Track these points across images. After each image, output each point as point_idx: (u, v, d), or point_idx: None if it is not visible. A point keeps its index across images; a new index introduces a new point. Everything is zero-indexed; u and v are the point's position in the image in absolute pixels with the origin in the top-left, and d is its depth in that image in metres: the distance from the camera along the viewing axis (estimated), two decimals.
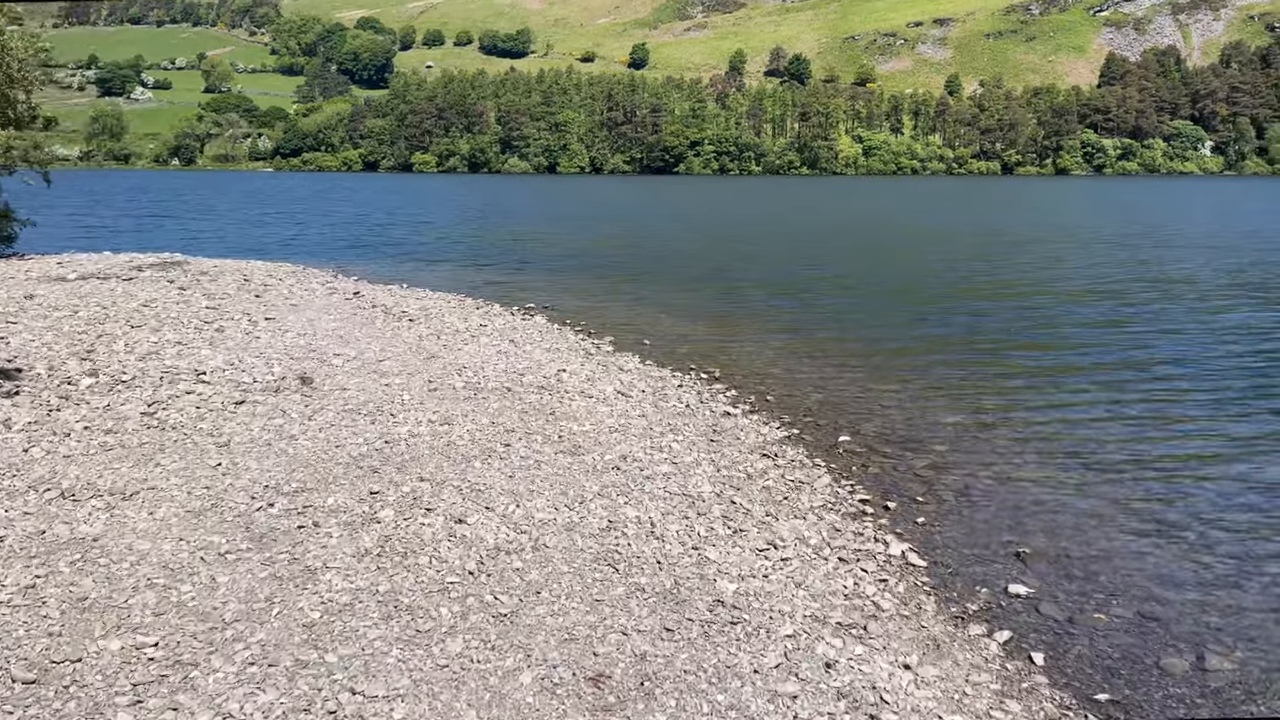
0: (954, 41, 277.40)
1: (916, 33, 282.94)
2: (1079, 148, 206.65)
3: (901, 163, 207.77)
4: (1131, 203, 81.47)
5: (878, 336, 18.23)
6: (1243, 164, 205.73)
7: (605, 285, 26.33)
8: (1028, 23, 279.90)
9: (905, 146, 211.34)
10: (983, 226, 50.80)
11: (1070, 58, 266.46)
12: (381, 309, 18.44)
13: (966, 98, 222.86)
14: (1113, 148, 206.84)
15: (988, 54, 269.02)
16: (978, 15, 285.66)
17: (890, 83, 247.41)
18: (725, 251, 36.63)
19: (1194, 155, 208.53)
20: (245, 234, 44.61)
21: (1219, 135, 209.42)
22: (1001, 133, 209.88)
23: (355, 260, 32.02)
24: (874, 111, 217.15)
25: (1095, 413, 12.51)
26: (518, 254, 35.10)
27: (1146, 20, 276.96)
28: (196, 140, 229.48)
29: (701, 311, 21.44)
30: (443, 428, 10.00)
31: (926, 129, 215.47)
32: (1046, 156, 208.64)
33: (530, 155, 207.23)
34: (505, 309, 20.59)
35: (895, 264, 32.44)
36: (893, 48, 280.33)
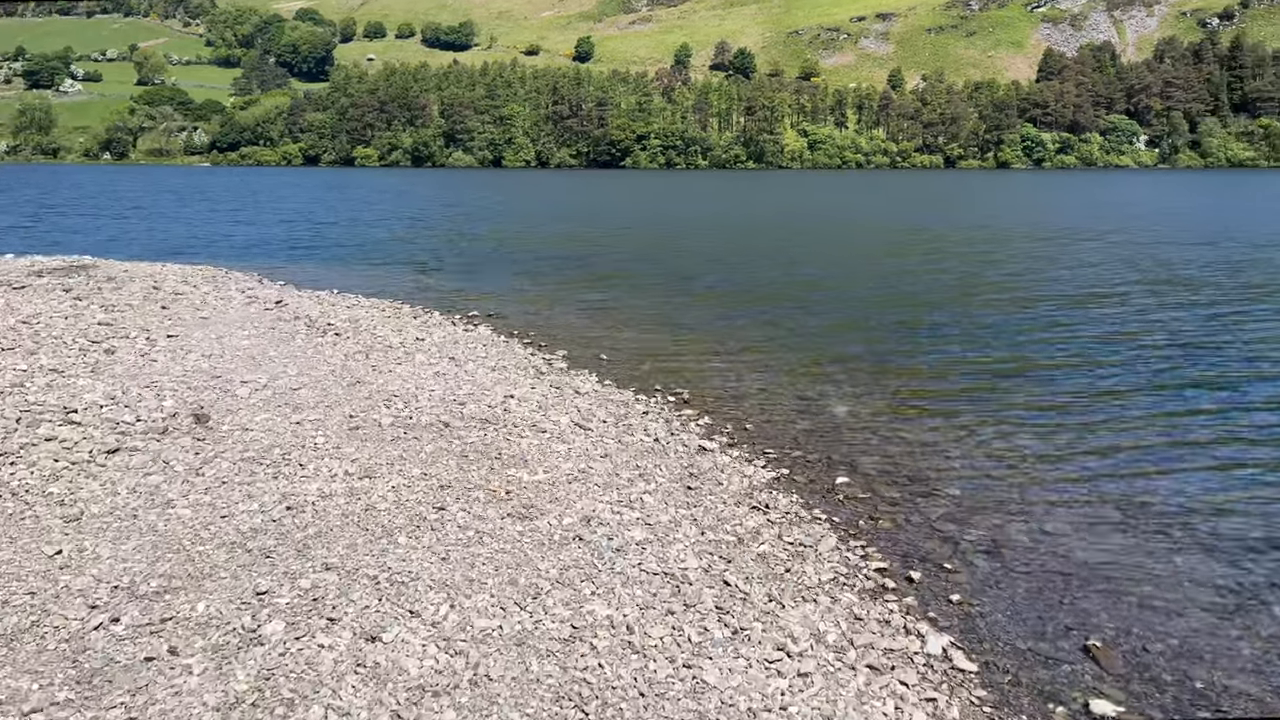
0: (896, 36, 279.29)
1: (859, 27, 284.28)
2: (1019, 141, 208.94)
3: (846, 157, 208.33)
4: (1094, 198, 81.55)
5: (857, 348, 16.48)
6: (1176, 158, 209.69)
7: (556, 289, 24.41)
8: (968, 18, 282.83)
9: (849, 140, 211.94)
10: (949, 223, 49.66)
11: (1009, 53, 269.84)
12: (305, 321, 16.43)
13: (909, 92, 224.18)
14: (1051, 141, 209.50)
15: (929, 48, 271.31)
16: (919, 10, 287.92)
17: (834, 77, 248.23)
18: (683, 251, 34.79)
19: (1129, 149, 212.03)
20: (172, 232, 41.97)
21: (1153, 129, 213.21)
22: (944, 127, 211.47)
23: (286, 262, 29.85)
24: (818, 105, 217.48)
25: (1124, 440, 10.99)
26: (462, 254, 33.00)
27: (1082, 16, 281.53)
28: (129, 134, 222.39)
29: (663, 320, 19.66)
30: (362, 483, 8.12)
31: (870, 123, 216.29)
32: (988, 150, 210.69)
33: (475, 149, 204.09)
34: (446, 318, 18.74)
35: (865, 264, 30.45)
36: (836, 42, 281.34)
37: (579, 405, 11.79)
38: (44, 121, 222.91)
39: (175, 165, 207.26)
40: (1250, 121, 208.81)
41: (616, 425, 10.98)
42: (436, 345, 15.18)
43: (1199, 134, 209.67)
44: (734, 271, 27.89)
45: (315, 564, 6.42)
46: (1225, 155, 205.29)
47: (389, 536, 6.98)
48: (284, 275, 25.58)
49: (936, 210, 61.65)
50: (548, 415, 11.05)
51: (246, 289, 20.68)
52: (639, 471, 9.17)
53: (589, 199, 76.68)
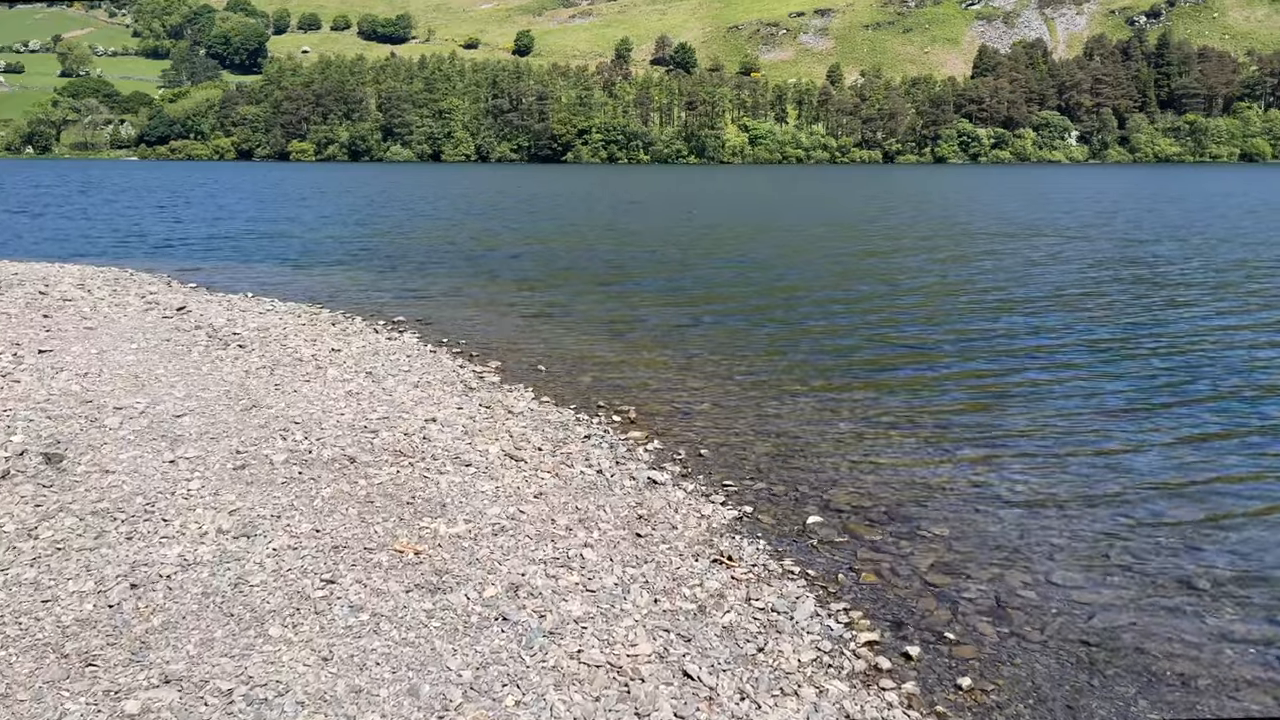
0: (835, 32, 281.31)
1: (798, 23, 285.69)
2: (955, 137, 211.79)
3: (787, 151, 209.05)
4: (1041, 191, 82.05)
5: (821, 358, 15.11)
6: (1106, 153, 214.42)
7: (492, 291, 22.74)
8: (904, 14, 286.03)
9: (790, 136, 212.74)
10: (910, 219, 48.88)
11: (945, 49, 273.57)
12: (207, 331, 14.82)
13: (848, 87, 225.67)
14: (987, 137, 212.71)
15: (867, 45, 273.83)
16: (857, 6, 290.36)
17: (774, 72, 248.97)
18: (629, 250, 33.23)
19: (1061, 145, 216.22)
20: (88, 229, 39.52)
21: (1084, 125, 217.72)
22: (882, 122, 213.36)
23: (205, 262, 27.98)
24: (759, 101, 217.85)
25: (1127, 464, 9.85)
26: (393, 253, 31.17)
27: (1015, 14, 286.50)
28: (52, 127, 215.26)
29: (606, 324, 18.25)
30: (237, 544, 6.59)
31: (810, 118, 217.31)
32: (925, 145, 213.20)
33: (413, 143, 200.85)
34: (369, 324, 17.15)
35: (825, 264, 28.49)
36: (775, 38, 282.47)
37: (511, 429, 10.33)
38: None
39: (101, 159, 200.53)
40: (1176, 118, 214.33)
41: (554, 454, 9.56)
42: (354, 357, 13.65)
43: (1127, 130, 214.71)
44: (682, 271, 26.56)
45: (152, 674, 4.89)
46: (1153, 151, 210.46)
47: (258, 626, 5.48)
48: (199, 277, 23.84)
49: (893, 205, 61.04)
50: (474, 443, 9.58)
51: (149, 293, 18.93)
52: (579, 516, 7.77)
53: (530, 194, 74.82)
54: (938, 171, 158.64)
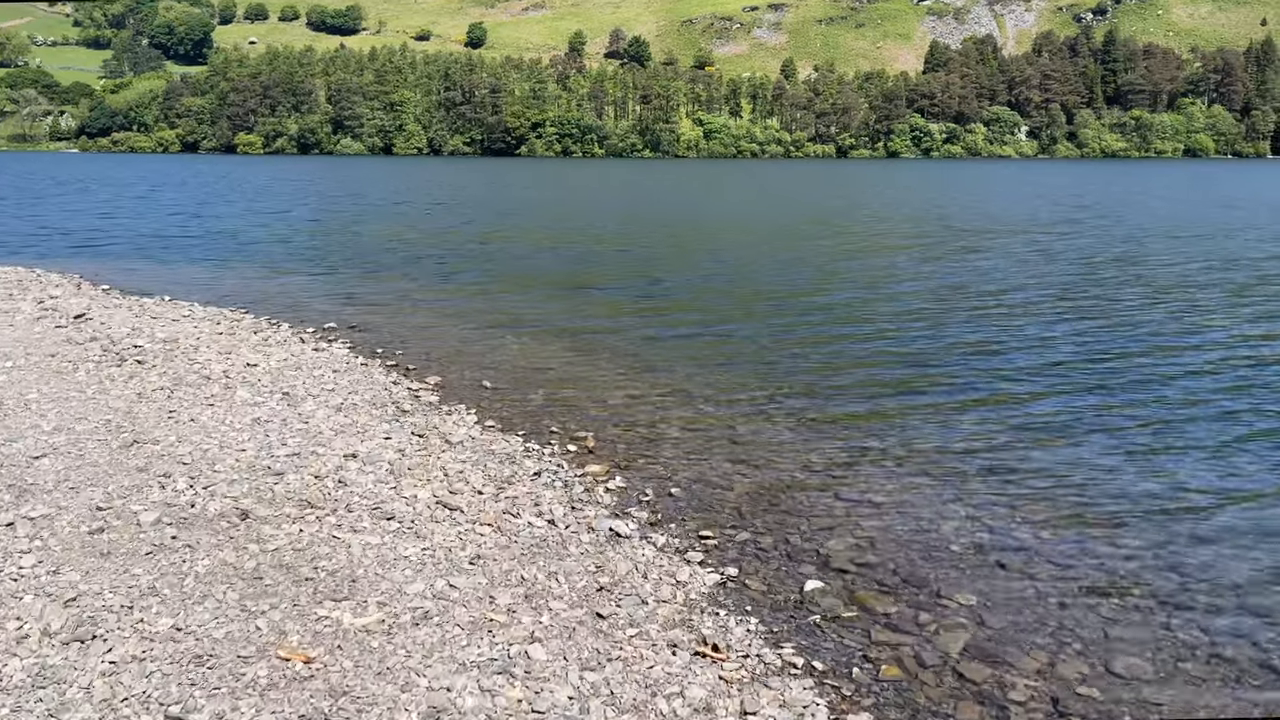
0: (788, 26, 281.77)
1: (752, 17, 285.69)
2: (908, 131, 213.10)
3: (741, 146, 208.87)
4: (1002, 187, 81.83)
5: (800, 374, 13.52)
6: (1055, 148, 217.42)
7: (435, 292, 21.12)
8: (857, 9, 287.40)
9: (745, 130, 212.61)
10: (883, 214, 47.82)
11: (897, 44, 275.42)
12: (104, 342, 13.17)
13: (801, 82, 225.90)
14: (939, 132, 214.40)
15: (820, 39, 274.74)
16: (809, 1, 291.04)
17: (728, 66, 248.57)
18: (584, 246, 31.65)
19: (1011, 140, 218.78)
20: (5, 225, 37.45)
21: (1033, 120, 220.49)
22: (836, 116, 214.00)
23: (126, 260, 26.15)
24: (713, 95, 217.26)
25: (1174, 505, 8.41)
26: (335, 251, 29.34)
27: (965, 10, 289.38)
28: None
29: (559, 331, 16.74)
30: (63, 655, 4.91)
31: (764, 113, 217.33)
32: (878, 140, 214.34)
33: (364, 136, 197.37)
34: (295, 332, 15.55)
35: (795, 268, 26.94)
36: (729, 31, 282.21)
37: (447, 465, 8.73)
38: None
39: (40, 151, 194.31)
40: (1123, 114, 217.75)
41: (497, 497, 7.98)
42: (271, 374, 12.06)
43: (1075, 125, 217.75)
44: (646, 274, 24.83)
45: None
46: (1100, 146, 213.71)
47: None
48: (115, 277, 22.05)
49: (861, 201, 59.92)
50: (401, 486, 7.97)
51: (49, 297, 17.20)
52: (526, 590, 6.20)
53: (482, 189, 72.87)
54: (893, 166, 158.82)
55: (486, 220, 42.81)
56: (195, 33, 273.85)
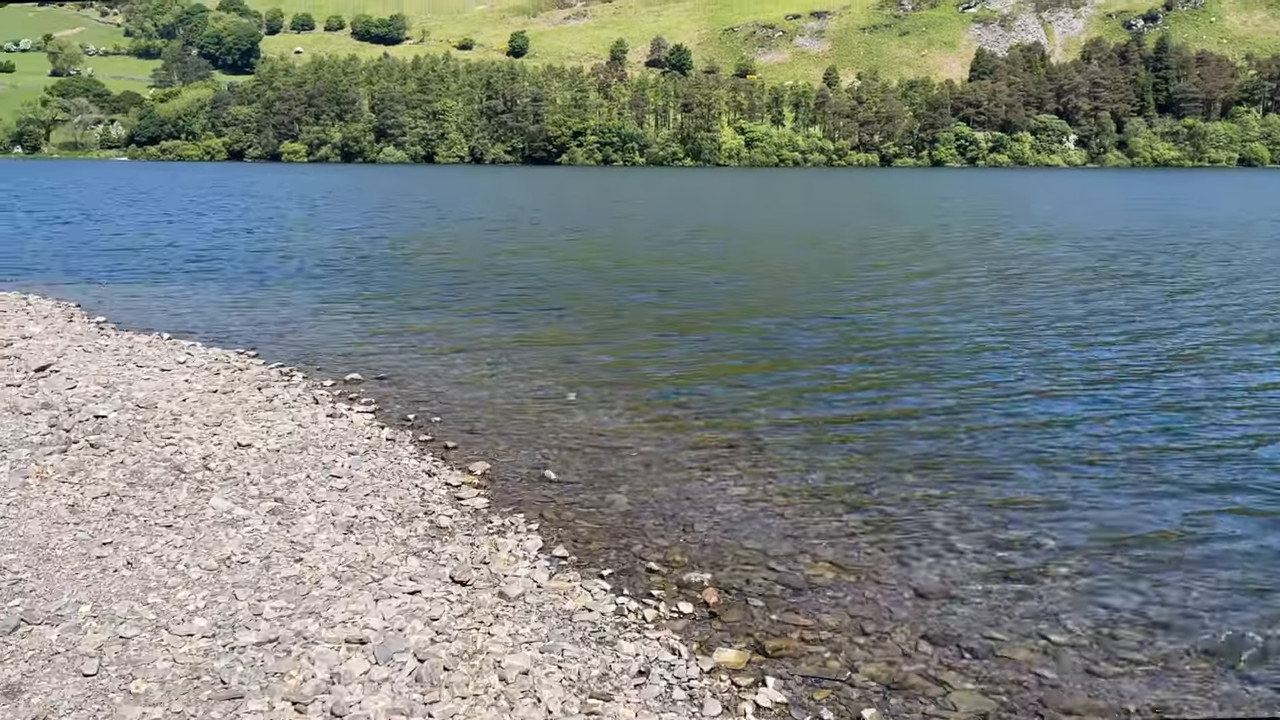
0: (831, 34, 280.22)
1: (794, 25, 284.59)
2: (953, 140, 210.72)
3: (783, 154, 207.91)
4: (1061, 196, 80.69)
5: (1044, 484, 10.13)
6: (1104, 157, 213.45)
7: (481, 329, 18.27)
8: (901, 17, 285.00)
9: (786, 138, 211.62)
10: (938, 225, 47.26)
11: (942, 52, 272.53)
12: (58, 411, 10.91)
13: (844, 90, 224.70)
14: (985, 140, 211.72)
15: (864, 47, 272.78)
16: (853, 9, 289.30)
17: (770, 74, 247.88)
18: (649, 266, 29.14)
19: (1059, 149, 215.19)
20: (34, 237, 37.07)
21: (1082, 129, 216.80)
22: (879, 125, 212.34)
23: (141, 281, 24.82)
24: (755, 103, 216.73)
25: None
26: (376, 273, 27.49)
27: (1012, 17, 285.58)
28: (41, 126, 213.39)
29: (639, 388, 13.67)
30: None
31: (807, 121, 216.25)
32: (922, 149, 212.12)
33: (407, 144, 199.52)
34: (310, 385, 13.35)
35: (931, 293, 24.31)
36: (771, 40, 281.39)
37: (504, 659, 6.23)
38: None
39: (91, 159, 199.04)
40: (1175, 122, 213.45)
41: None
42: (265, 461, 9.78)
43: (1125, 134, 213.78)
44: (747, 304, 21.81)
45: None
46: (1151, 155, 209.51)
47: None
48: (121, 304, 20.71)
49: (964, 209, 58.21)
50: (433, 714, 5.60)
51: (20, 338, 15.25)
52: None
53: (528, 198, 72.34)
54: (941, 175, 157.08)
55: (553, 233, 41.02)
56: (243, 43, 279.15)
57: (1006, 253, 34.53)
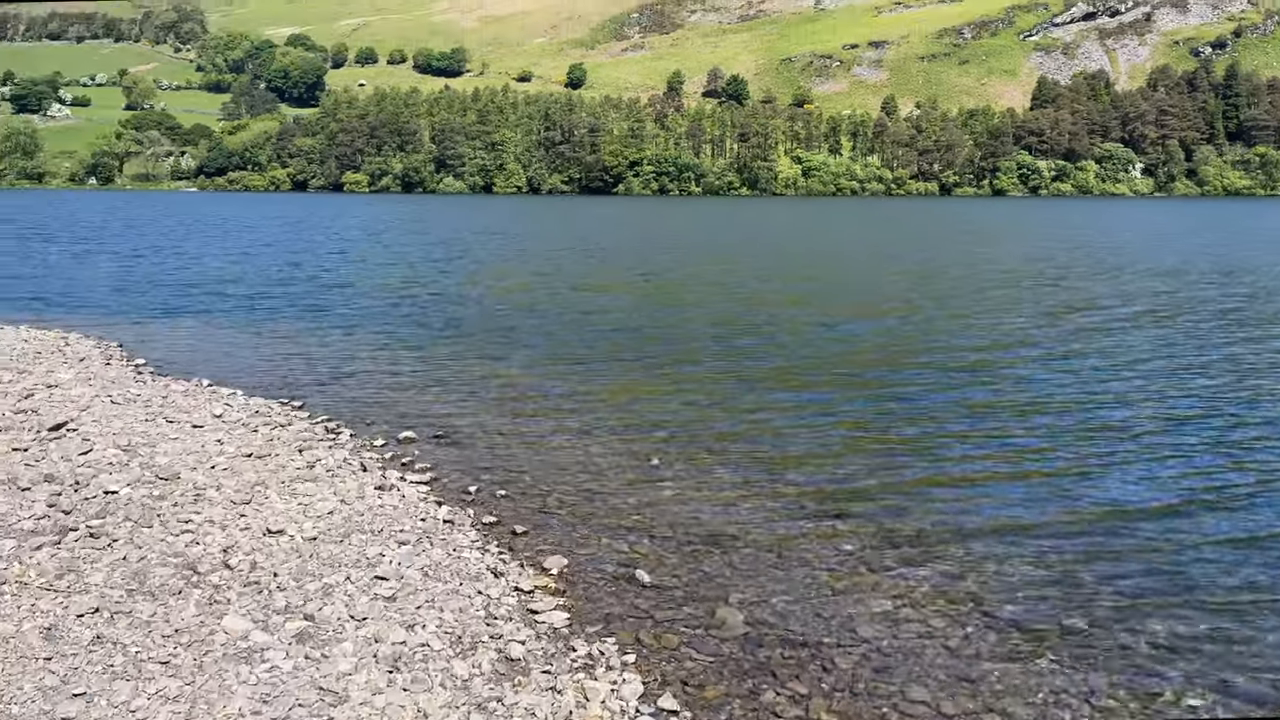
0: (889, 64, 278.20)
1: (852, 55, 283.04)
2: (1015, 169, 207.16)
3: (841, 184, 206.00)
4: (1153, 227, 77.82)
5: None
6: (1172, 186, 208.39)
7: (551, 378, 16.44)
8: (960, 46, 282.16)
9: (844, 167, 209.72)
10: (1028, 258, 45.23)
11: (1002, 81, 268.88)
12: (62, 485, 9.42)
13: (903, 119, 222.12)
14: (1047, 169, 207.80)
15: (922, 76, 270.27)
16: (911, 38, 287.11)
17: (827, 104, 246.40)
18: (743, 302, 26.97)
19: (1125, 177, 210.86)
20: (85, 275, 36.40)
21: (1148, 158, 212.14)
22: (939, 154, 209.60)
23: (191, 316, 23.89)
24: (812, 132, 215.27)
25: None
26: (432, 311, 25.81)
27: (1075, 45, 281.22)
28: (115, 158, 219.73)
29: (746, 456, 11.60)
30: None
31: (865, 150, 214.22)
32: (983, 177, 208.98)
33: (466, 175, 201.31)
34: (358, 446, 11.87)
35: (1078, 337, 21.98)
36: (829, 69, 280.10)
37: None
38: (29, 146, 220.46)
39: (161, 190, 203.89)
40: (1246, 150, 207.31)
41: None
42: (299, 554, 8.14)
43: (1195, 162, 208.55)
44: (845, 346, 19.75)
45: None
46: (1221, 184, 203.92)
47: None
48: (166, 342, 19.72)
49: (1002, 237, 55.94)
50: None
51: (45, 386, 13.91)
52: None
53: (592, 229, 71.28)
54: (1008, 204, 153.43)
55: (628, 266, 39.05)
56: (309, 76, 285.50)
57: (1144, 289, 31.51)
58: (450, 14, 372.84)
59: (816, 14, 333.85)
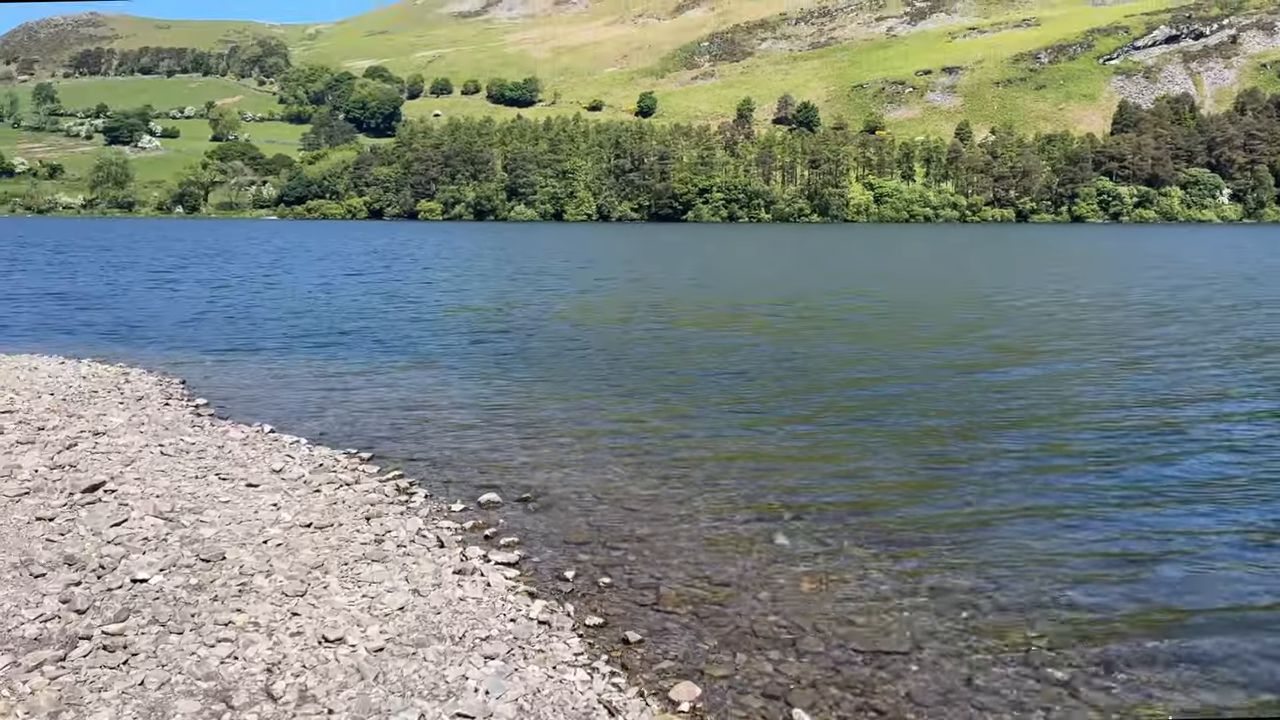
0: (963, 89, 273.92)
1: (925, 81, 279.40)
2: (1095, 195, 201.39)
3: (914, 210, 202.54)
4: None
5: None
6: (1262, 211, 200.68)
7: (654, 431, 14.21)
8: (1037, 71, 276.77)
9: (918, 194, 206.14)
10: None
11: (1081, 105, 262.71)
12: (84, 569, 7.89)
13: (978, 145, 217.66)
14: (1129, 195, 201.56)
15: (997, 101, 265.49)
16: (986, 63, 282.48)
17: (899, 130, 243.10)
18: (865, 338, 24.35)
19: (1212, 203, 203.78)
20: (152, 305, 35.28)
21: (1236, 183, 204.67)
22: (1015, 180, 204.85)
23: (263, 350, 22.40)
24: (885, 159, 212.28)
25: None
26: (519, 346, 23.67)
27: (1157, 68, 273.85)
28: (201, 188, 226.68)
29: (897, 536, 9.68)
30: None
31: (938, 176, 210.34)
32: (1061, 204, 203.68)
33: (537, 202, 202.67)
34: (434, 512, 10.20)
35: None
36: (901, 96, 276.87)
37: None
38: (120, 176, 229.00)
39: (244, 218, 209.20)
40: None
41: None
42: (358, 677, 6.39)
43: None
44: (1009, 399, 16.60)
45: None
46: None
47: None
48: (233, 379, 18.28)
49: (1116, 264, 51.74)
50: None
51: (93, 433, 12.33)
52: None
53: (671, 256, 69.06)
54: (1094, 231, 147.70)
55: (731, 292, 36.45)
56: (386, 107, 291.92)
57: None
58: (523, 45, 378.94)
59: (889, 40, 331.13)
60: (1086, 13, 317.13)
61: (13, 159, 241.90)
